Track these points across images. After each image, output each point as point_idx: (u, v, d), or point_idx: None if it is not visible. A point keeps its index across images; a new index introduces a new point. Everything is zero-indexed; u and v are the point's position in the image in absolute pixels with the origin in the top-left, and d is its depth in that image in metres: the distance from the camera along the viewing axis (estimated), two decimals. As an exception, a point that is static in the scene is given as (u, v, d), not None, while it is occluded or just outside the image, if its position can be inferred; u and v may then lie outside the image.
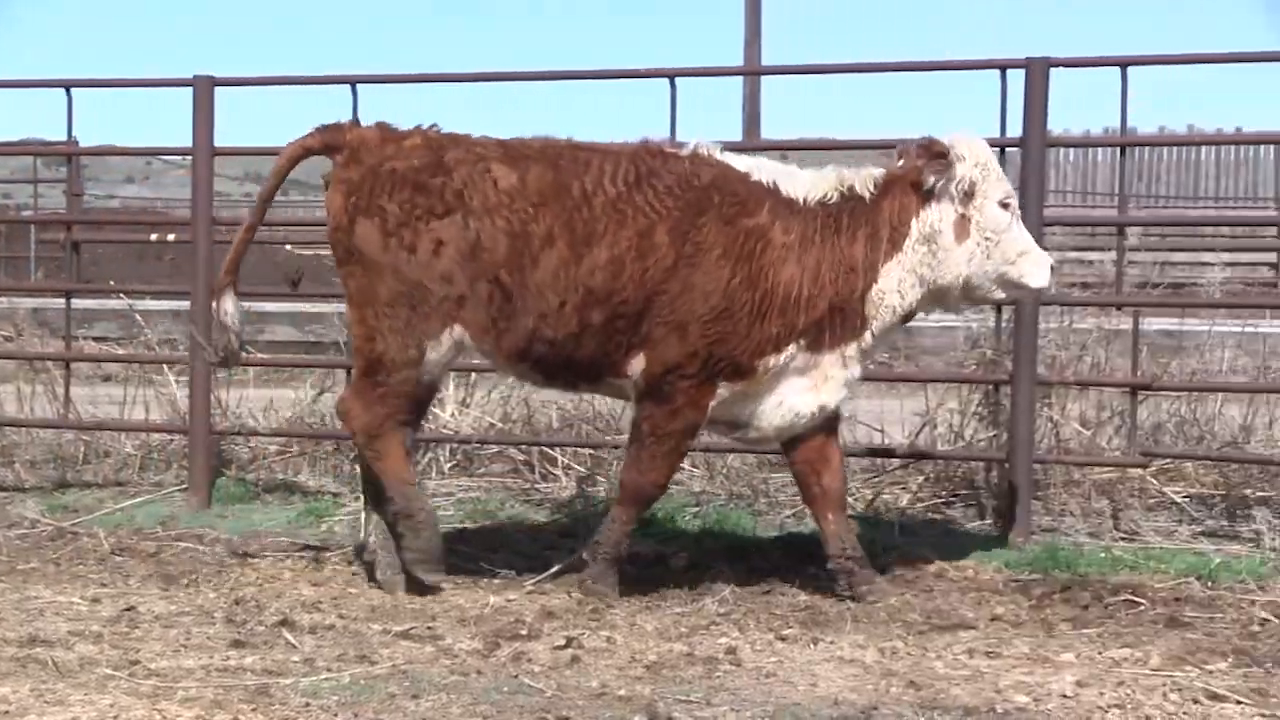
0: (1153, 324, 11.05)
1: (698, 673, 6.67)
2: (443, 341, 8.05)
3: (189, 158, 10.93)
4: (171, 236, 23.62)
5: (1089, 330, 11.04)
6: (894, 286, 7.94)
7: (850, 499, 10.20)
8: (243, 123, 11.91)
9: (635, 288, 7.83)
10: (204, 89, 10.70)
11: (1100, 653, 7.00)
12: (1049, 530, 9.64)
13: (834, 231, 7.93)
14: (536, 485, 10.73)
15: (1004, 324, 10.14)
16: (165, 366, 12.29)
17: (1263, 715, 6.12)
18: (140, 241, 24.54)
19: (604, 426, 11.21)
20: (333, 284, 8.73)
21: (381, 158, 8.11)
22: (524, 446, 11.13)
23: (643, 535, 9.26)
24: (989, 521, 9.87)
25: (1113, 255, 10.76)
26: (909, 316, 8.13)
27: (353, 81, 10.71)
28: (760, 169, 8.07)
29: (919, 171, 7.90)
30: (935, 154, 7.90)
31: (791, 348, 7.91)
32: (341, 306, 10.53)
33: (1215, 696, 6.31)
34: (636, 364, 7.93)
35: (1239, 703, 6.24)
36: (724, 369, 7.88)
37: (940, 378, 11.42)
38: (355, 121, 8.39)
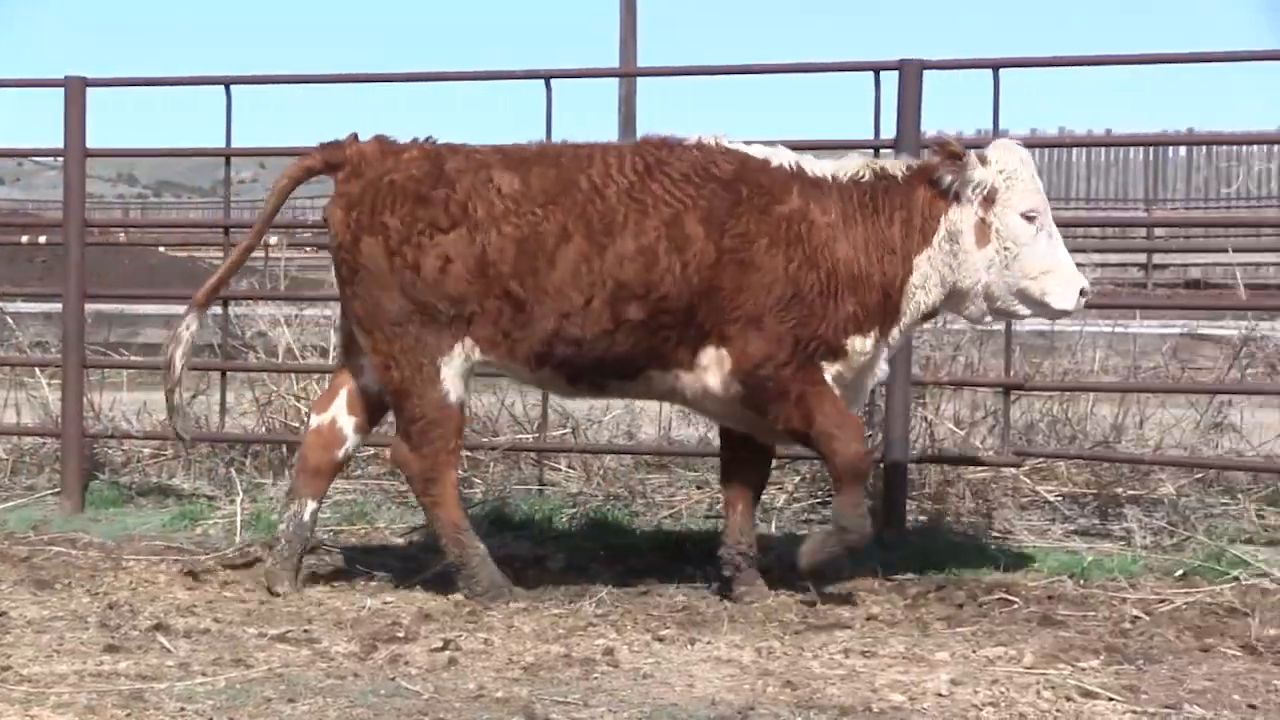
0: (1025, 324, 11.11)
1: (575, 674, 6.67)
2: (455, 358, 7.92)
3: (61, 159, 10.82)
4: (43, 239, 23.33)
5: (963, 331, 11.12)
6: (922, 282, 7.93)
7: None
8: (116, 124, 11.81)
9: (676, 282, 7.74)
10: (75, 90, 10.61)
11: (974, 651, 7.05)
12: (924, 530, 9.71)
13: (872, 211, 7.92)
14: (412, 487, 10.69)
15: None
16: (37, 369, 12.16)
17: (1134, 712, 6.19)
18: (11, 244, 24.24)
19: (480, 429, 11.19)
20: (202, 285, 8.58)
21: (381, 171, 8.01)
22: (401, 449, 11.08)
23: (519, 537, 9.27)
24: (865, 521, 9.92)
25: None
26: (929, 316, 8.14)
27: (226, 82, 10.65)
28: (778, 154, 8.04)
29: (934, 168, 7.91)
30: (949, 154, 7.87)
31: (875, 332, 7.88)
32: (216, 309, 10.47)
33: (1088, 694, 6.37)
34: (706, 359, 7.86)
35: (1111, 699, 6.30)
36: (817, 350, 7.80)
37: (816, 379, 11.45)
38: (354, 137, 8.24)
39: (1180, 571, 8.50)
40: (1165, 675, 6.69)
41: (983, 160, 7.86)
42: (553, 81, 10.20)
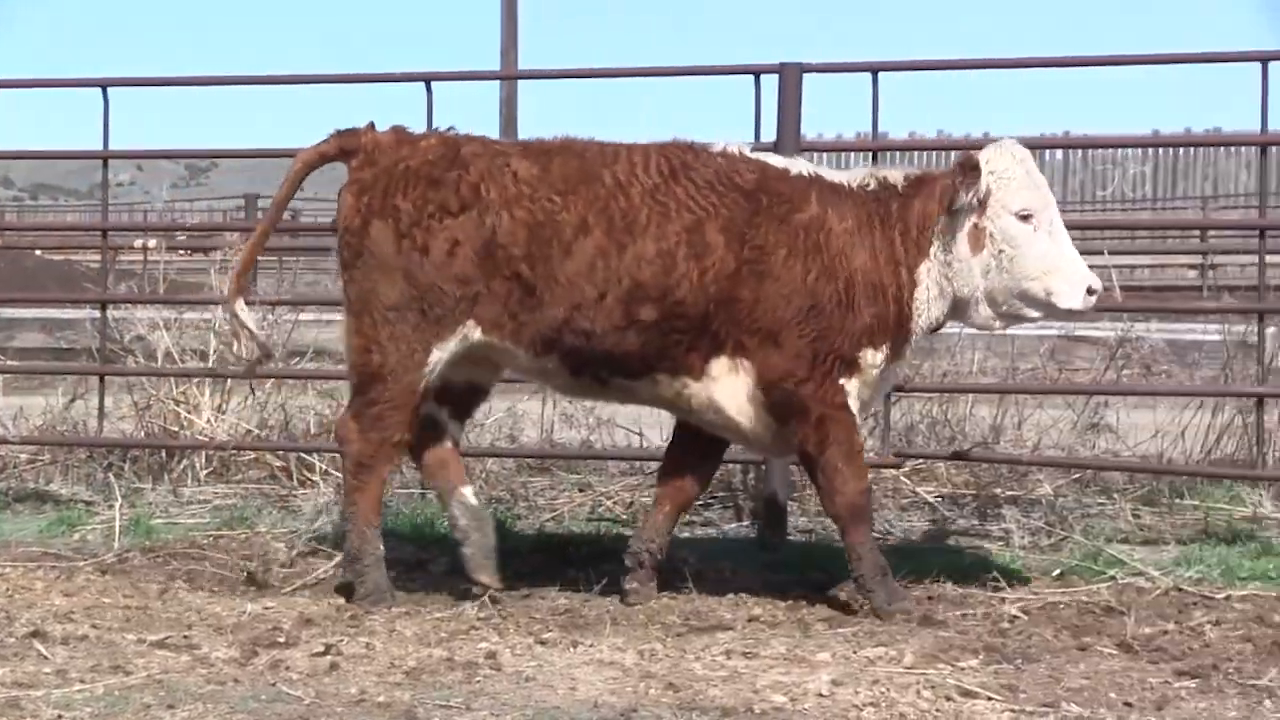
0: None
1: (457, 678, 6.65)
2: (452, 341, 7.88)
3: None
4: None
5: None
6: (924, 295, 7.87)
7: (609, 501, 10.29)
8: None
9: (693, 289, 7.69)
10: (-51, 90, 10.47)
11: (855, 652, 7.08)
12: (806, 531, 9.76)
13: (881, 220, 7.87)
14: (294, 491, 10.63)
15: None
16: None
17: (1012, 710, 6.24)
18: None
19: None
20: (84, 289, 8.52)
21: (397, 158, 7.95)
22: (281, 453, 11.03)
23: (401, 540, 9.23)
24: (746, 523, 9.97)
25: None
26: (936, 328, 8.10)
27: (104, 85, 10.55)
28: (796, 163, 8.04)
29: (954, 190, 7.75)
30: (971, 167, 7.76)
31: (887, 345, 7.83)
32: (94, 312, 10.37)
33: (967, 693, 6.42)
34: (721, 369, 7.82)
35: (990, 699, 6.35)
36: (836, 365, 7.75)
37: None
38: (371, 125, 8.14)
39: (1058, 571, 8.59)
40: (1043, 674, 6.75)
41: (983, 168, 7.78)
42: (433, 84, 10.17)
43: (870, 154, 10.64)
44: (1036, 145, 9.96)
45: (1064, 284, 7.73)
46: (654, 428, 11.03)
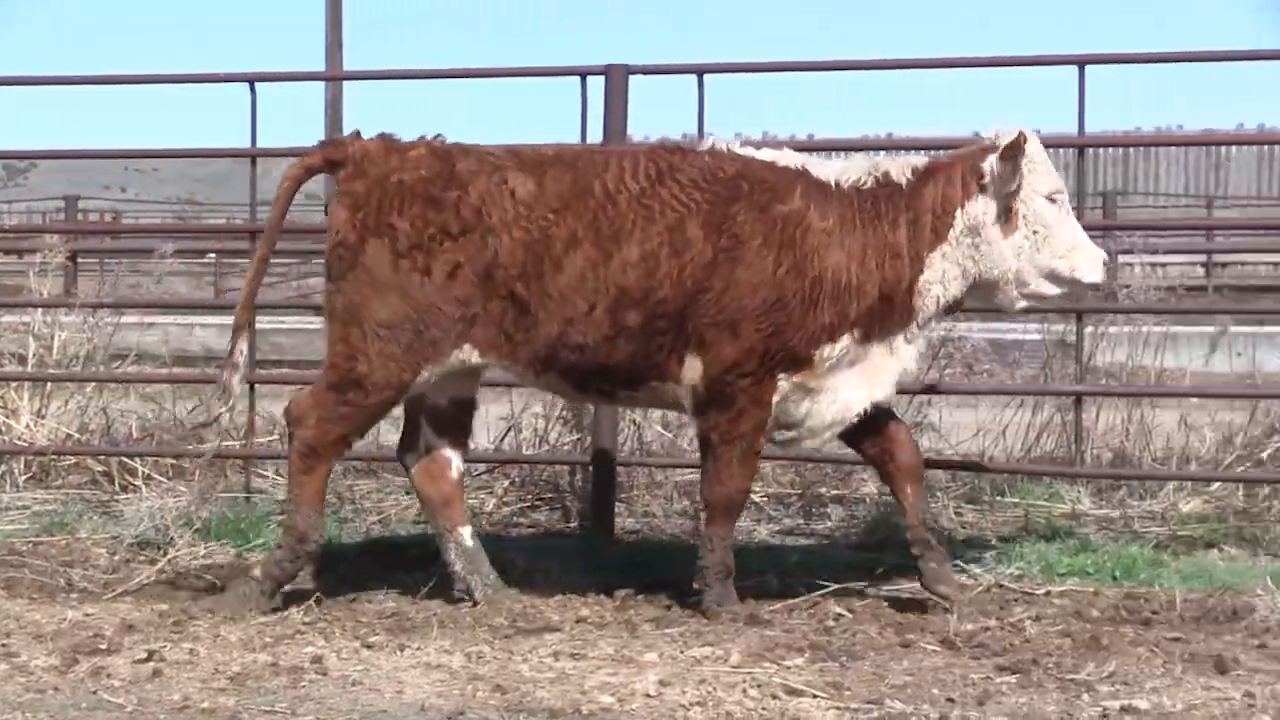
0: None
1: (283, 683, 6.60)
2: (445, 363, 7.80)
3: None
4: None
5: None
6: (939, 278, 7.86)
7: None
8: None
9: (673, 286, 7.66)
10: None
11: (682, 651, 7.11)
12: (633, 532, 9.79)
13: (874, 217, 7.83)
14: (116, 496, 10.49)
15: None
16: None
17: (837, 708, 6.29)
18: None
19: (185, 435, 11.02)
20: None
21: (387, 170, 7.82)
22: (103, 457, 10.88)
23: (225, 545, 9.14)
24: (574, 524, 9.98)
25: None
26: (954, 308, 8.11)
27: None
28: (785, 156, 7.98)
29: (977, 162, 7.84)
30: (1020, 150, 7.78)
31: (846, 338, 7.79)
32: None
33: (793, 691, 6.46)
34: (690, 369, 7.79)
35: (815, 696, 6.40)
36: (782, 361, 7.74)
37: (519, 382, 11.44)
38: (357, 134, 8.06)
39: (881, 569, 8.66)
40: (867, 671, 6.81)
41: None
42: (258, 85, 10.08)
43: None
44: (861, 147, 10.04)
45: (1086, 260, 7.89)
46: (480, 429, 11.01)
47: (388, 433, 11.26)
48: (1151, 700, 6.36)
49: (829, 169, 7.95)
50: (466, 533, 8.20)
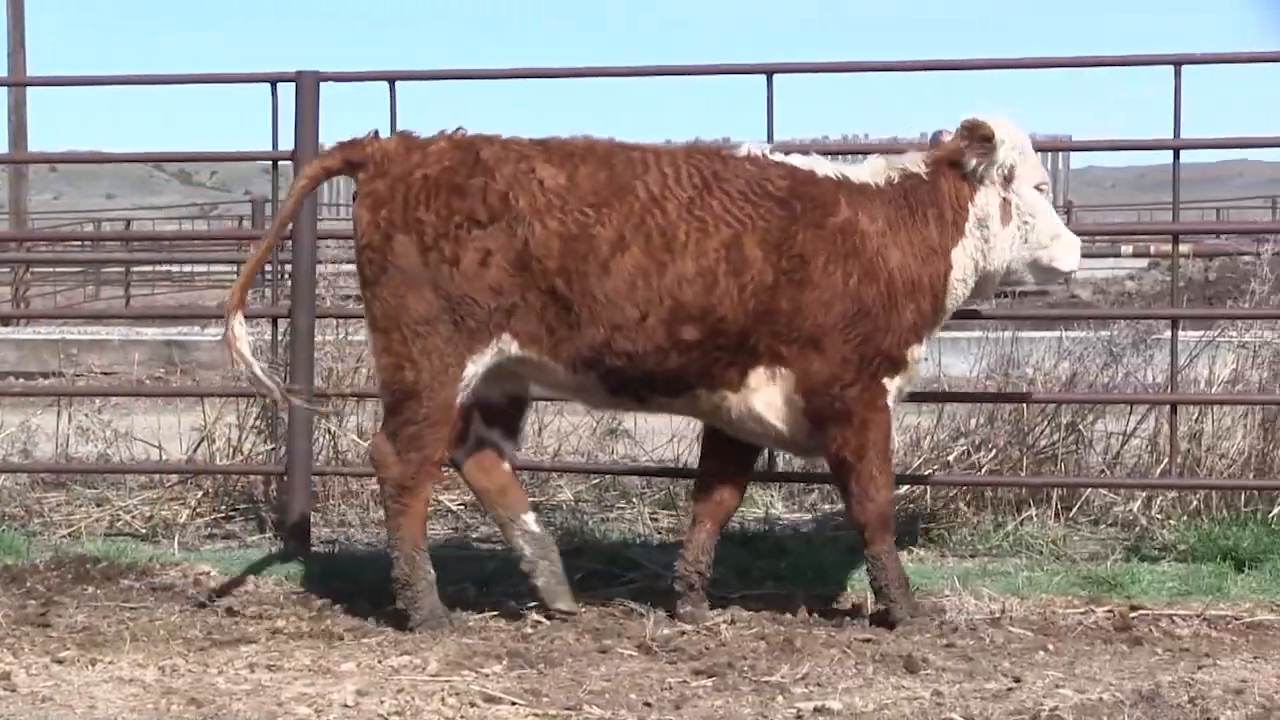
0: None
1: (-31, 701, 6.46)
2: (487, 353, 7.59)
3: None
4: None
5: (365, 342, 11.16)
6: (961, 273, 7.85)
7: (128, 516, 10.09)
8: None
9: (733, 306, 7.52)
10: None
11: (380, 661, 7.08)
12: (329, 542, 9.72)
13: (910, 212, 7.78)
14: None
15: (281, 337, 10.15)
16: None
17: (536, 715, 6.32)
18: None
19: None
20: None
21: (408, 166, 7.59)
22: None
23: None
24: (270, 535, 9.88)
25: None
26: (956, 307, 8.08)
27: None
28: (819, 164, 7.86)
29: (960, 152, 7.80)
30: (980, 136, 7.78)
31: (928, 335, 7.81)
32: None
33: (491, 699, 6.48)
34: (762, 379, 7.68)
35: (514, 703, 6.43)
36: (882, 365, 7.67)
37: (218, 392, 11.34)
38: (375, 134, 7.82)
39: (579, 575, 8.71)
40: (565, 677, 6.86)
41: (1000, 140, 7.81)
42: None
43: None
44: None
45: (1065, 248, 7.97)
46: (173, 440, 10.89)
47: (76, 444, 11.10)
48: (844, 701, 6.50)
49: (861, 171, 7.93)
50: (530, 518, 8.04)
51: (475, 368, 7.63)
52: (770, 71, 9.42)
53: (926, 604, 7.99)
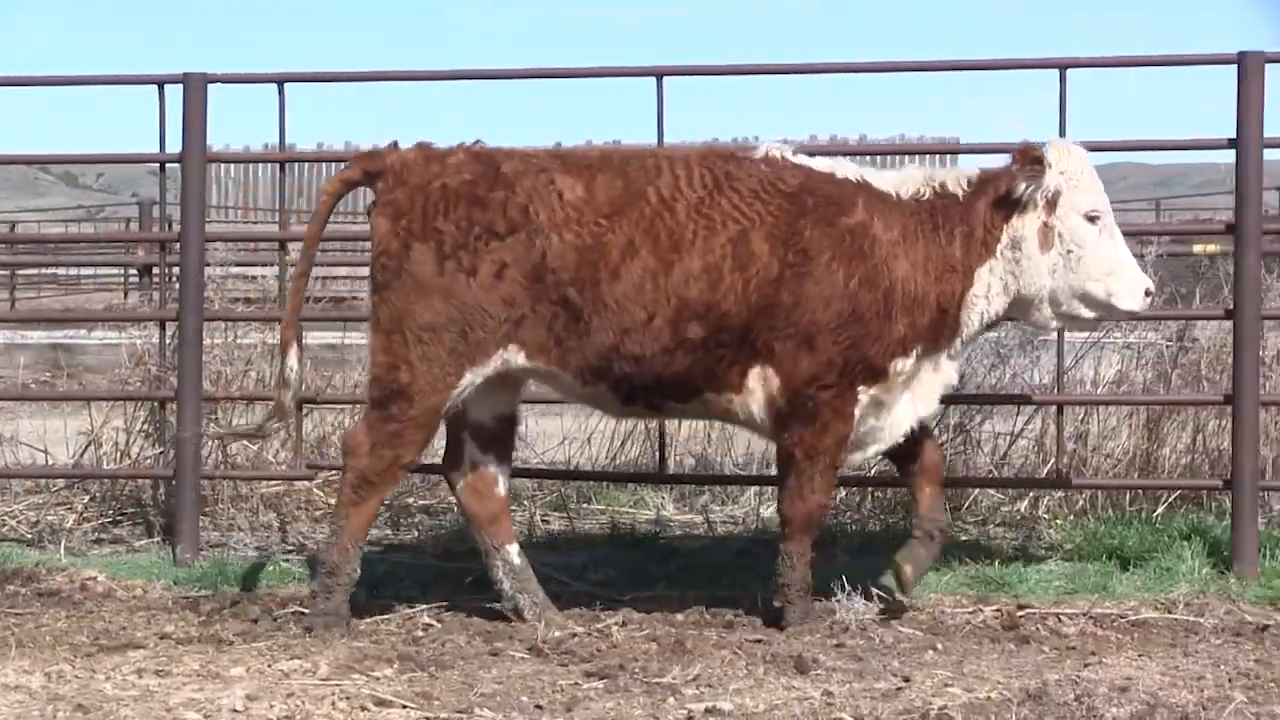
0: (317, 338, 11.20)
1: None
2: (490, 365, 7.61)
3: None
4: None
5: (254, 345, 11.11)
6: (984, 292, 7.82)
7: (13, 521, 10.00)
8: None
9: (737, 300, 7.54)
10: None
11: (270, 665, 7.04)
12: (218, 545, 9.66)
13: (933, 229, 7.76)
14: None
15: (169, 340, 10.09)
16: None
17: (427, 717, 6.30)
18: None
19: None
20: None
21: (428, 176, 7.62)
22: None
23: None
24: (158, 539, 9.81)
25: (275, 270, 10.85)
26: (993, 324, 8.06)
27: None
28: (843, 167, 7.85)
29: (1012, 178, 7.76)
30: (1032, 159, 7.75)
31: (917, 349, 7.74)
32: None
33: (382, 702, 6.46)
34: (757, 381, 7.68)
35: (404, 707, 6.40)
36: (861, 373, 7.65)
37: (105, 396, 11.25)
38: (395, 144, 7.80)
39: (470, 578, 8.69)
40: (456, 680, 6.84)
41: (1048, 163, 7.77)
42: None
43: (279, 165, 10.57)
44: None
45: (1124, 285, 7.85)
46: (59, 444, 10.79)
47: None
48: (735, 701, 6.51)
49: (887, 179, 7.94)
50: (514, 550, 8.06)
51: (473, 377, 7.69)
52: (660, 74, 9.43)
53: (817, 607, 8.02)
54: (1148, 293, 7.93)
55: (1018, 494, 10.05)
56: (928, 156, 13.51)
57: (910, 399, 7.92)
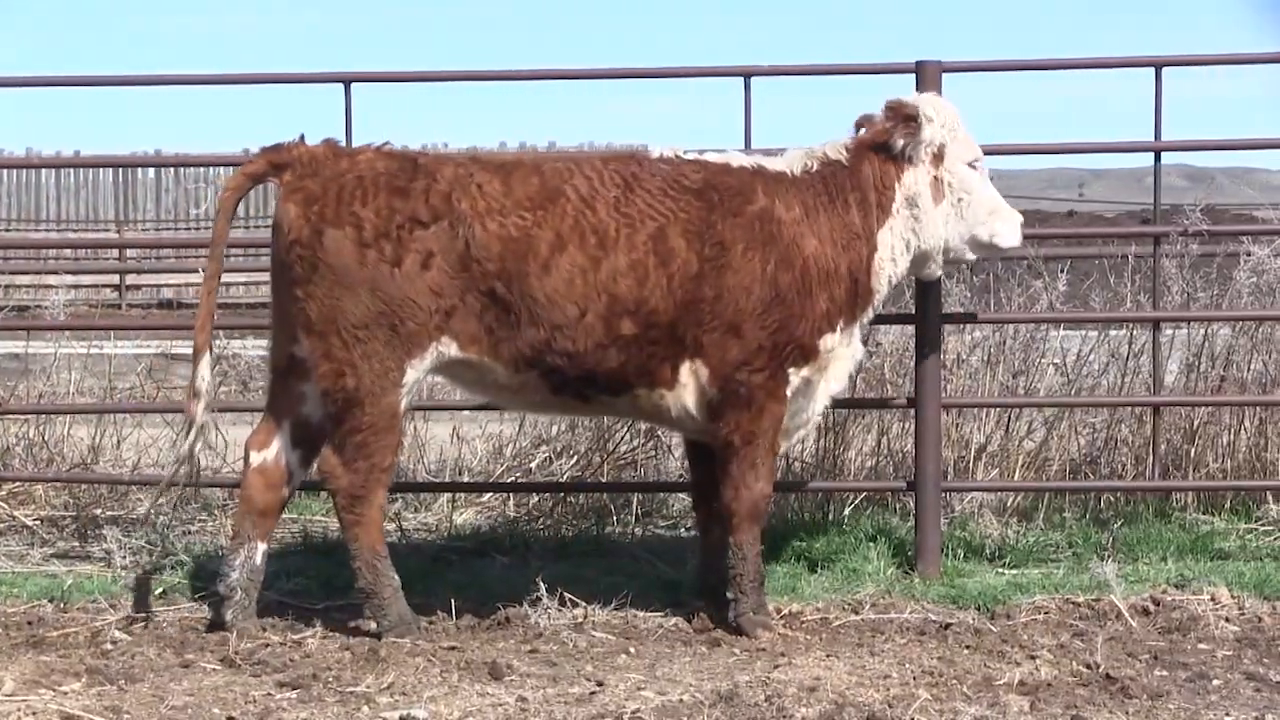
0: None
1: None
2: (426, 358, 7.46)
3: None
4: None
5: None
6: (889, 254, 7.89)
7: None
8: None
9: (664, 296, 7.54)
10: None
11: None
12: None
13: (829, 200, 7.81)
14: None
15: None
16: None
17: (122, 730, 6.25)
18: None
19: None
20: None
21: (339, 169, 7.47)
22: None
23: None
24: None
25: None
26: (895, 288, 8.06)
27: None
28: (735, 157, 7.89)
29: (887, 134, 7.82)
30: (905, 116, 7.82)
31: (840, 323, 7.77)
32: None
33: (70, 717, 6.38)
34: (687, 373, 7.70)
35: (94, 721, 6.34)
36: (792, 354, 7.67)
37: None
38: (301, 138, 7.64)
39: (161, 590, 8.59)
40: (147, 693, 6.78)
41: (927, 117, 7.86)
42: None
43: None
44: (128, 164, 9.97)
45: (1005, 224, 8.11)
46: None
47: None
48: (430, 709, 6.56)
49: (778, 162, 8.02)
50: (262, 550, 7.92)
51: (414, 374, 7.66)
52: (347, 80, 9.38)
53: (509, 614, 8.06)
54: (1022, 227, 8.24)
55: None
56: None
57: (824, 378, 8.06)
